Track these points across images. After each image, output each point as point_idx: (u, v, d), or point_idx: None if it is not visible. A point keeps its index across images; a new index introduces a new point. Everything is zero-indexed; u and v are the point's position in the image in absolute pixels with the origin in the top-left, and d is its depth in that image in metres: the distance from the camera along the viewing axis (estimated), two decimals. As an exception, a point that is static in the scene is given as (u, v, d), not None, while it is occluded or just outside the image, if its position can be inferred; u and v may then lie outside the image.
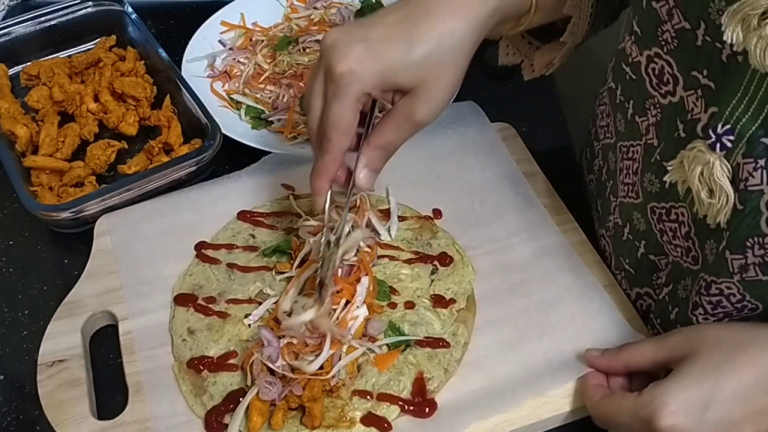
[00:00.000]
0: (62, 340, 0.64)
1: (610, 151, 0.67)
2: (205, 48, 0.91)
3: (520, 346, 0.63)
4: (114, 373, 0.64)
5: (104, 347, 0.66)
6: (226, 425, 0.59)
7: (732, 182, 0.50)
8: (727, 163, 0.50)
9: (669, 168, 0.55)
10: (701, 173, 0.51)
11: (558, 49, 0.69)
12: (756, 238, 0.50)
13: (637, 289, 0.66)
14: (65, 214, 0.72)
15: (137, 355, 0.63)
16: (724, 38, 0.46)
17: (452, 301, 0.66)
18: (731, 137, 0.49)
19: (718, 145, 0.50)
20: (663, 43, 0.54)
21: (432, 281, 0.68)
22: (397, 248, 0.70)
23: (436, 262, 0.69)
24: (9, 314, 0.70)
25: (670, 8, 0.52)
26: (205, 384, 0.61)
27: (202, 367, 0.62)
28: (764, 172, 0.48)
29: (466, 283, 0.68)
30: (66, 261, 0.74)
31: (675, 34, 0.52)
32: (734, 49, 0.47)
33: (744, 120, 0.48)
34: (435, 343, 0.63)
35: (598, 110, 0.72)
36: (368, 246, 0.68)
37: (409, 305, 0.66)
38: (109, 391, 0.63)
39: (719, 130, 0.49)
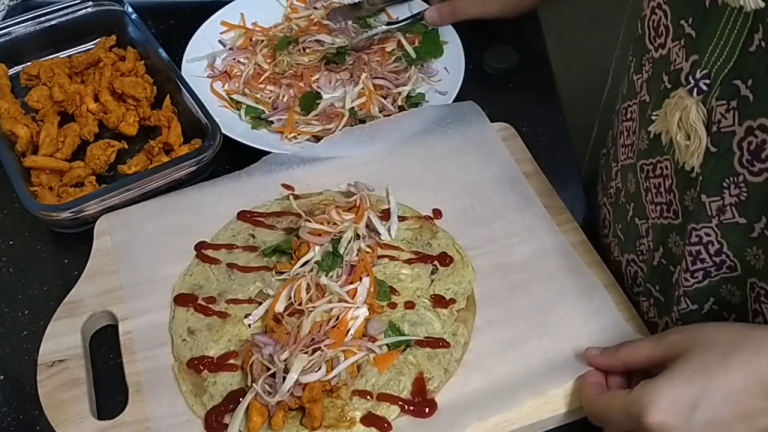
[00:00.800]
0: (62, 340, 0.64)
1: (615, 117, 0.68)
2: (205, 48, 0.91)
3: (520, 346, 0.63)
4: (114, 373, 0.64)
5: (104, 347, 0.66)
6: (226, 425, 0.59)
7: (706, 126, 0.52)
8: (703, 107, 0.52)
9: (653, 117, 0.56)
10: (679, 119, 0.53)
11: None
12: (731, 178, 0.51)
13: (626, 255, 0.67)
14: (65, 214, 0.72)
15: (137, 355, 0.63)
16: None
17: (452, 301, 0.66)
18: (707, 81, 0.51)
19: (695, 90, 0.52)
20: None
21: (432, 281, 0.68)
22: (397, 248, 0.70)
23: (436, 262, 0.69)
24: (9, 314, 0.70)
25: None
26: (205, 384, 0.61)
27: (202, 367, 0.62)
28: (735, 113, 0.50)
29: (466, 283, 0.68)
30: (66, 261, 0.74)
31: None
32: None
33: (719, 64, 0.50)
34: (435, 343, 0.63)
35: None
36: (368, 246, 0.68)
37: (409, 305, 0.66)
38: (109, 391, 0.63)
39: (697, 75, 0.52)
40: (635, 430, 0.51)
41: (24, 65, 0.89)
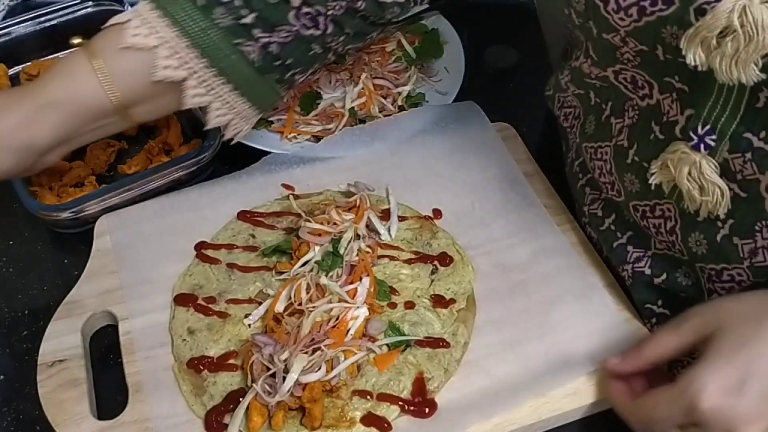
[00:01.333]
0: (62, 340, 0.64)
1: (582, 150, 0.68)
2: (205, 48, 0.91)
3: (520, 346, 0.63)
4: (114, 373, 0.64)
5: (104, 347, 0.66)
6: (226, 425, 0.59)
7: (721, 176, 0.52)
8: (713, 160, 0.52)
9: (653, 170, 0.56)
10: (689, 173, 0.53)
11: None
12: (763, 221, 0.52)
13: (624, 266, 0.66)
14: (65, 214, 0.72)
15: (137, 355, 0.63)
16: (687, 60, 0.48)
17: (452, 301, 0.66)
18: (713, 137, 0.51)
19: (702, 146, 0.52)
20: (625, 61, 0.56)
21: (432, 281, 0.68)
22: (397, 248, 0.70)
23: (436, 262, 0.69)
24: (9, 314, 0.70)
25: (623, 37, 0.53)
26: (205, 384, 0.61)
27: (202, 367, 0.62)
28: (753, 164, 0.51)
29: (466, 283, 0.68)
30: (66, 261, 0.74)
31: (635, 53, 0.54)
32: (699, 69, 0.48)
33: (723, 119, 0.50)
34: (435, 343, 0.63)
35: (559, 112, 0.72)
36: (368, 246, 0.68)
37: (409, 305, 0.66)
38: (109, 391, 0.63)
39: (700, 131, 0.52)
40: (690, 421, 0.50)
41: (24, 65, 0.89)
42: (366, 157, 0.78)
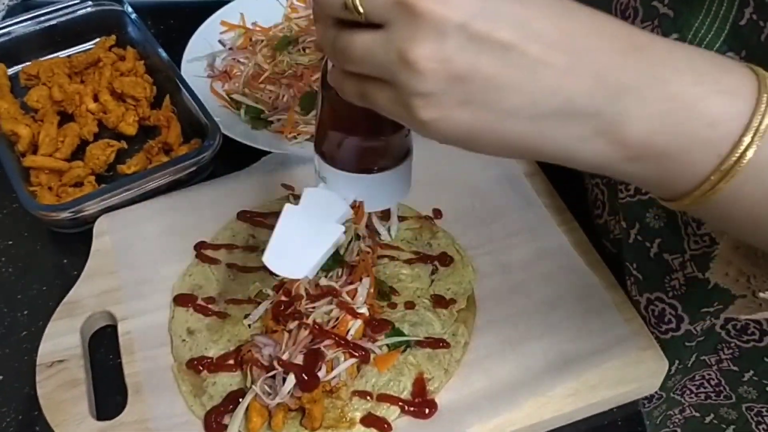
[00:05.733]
0: (61, 341, 0.64)
1: None
2: (204, 48, 0.91)
3: (521, 347, 0.63)
4: (113, 373, 0.63)
5: (103, 347, 0.66)
6: (226, 426, 0.58)
7: None
8: None
9: None
10: None
11: None
12: None
13: (647, 294, 0.63)
14: (64, 214, 0.71)
15: (136, 355, 0.63)
16: None
17: (452, 301, 0.66)
18: None
19: None
20: None
21: (432, 281, 0.68)
22: (397, 248, 0.70)
23: (436, 262, 0.69)
24: (8, 314, 0.69)
25: None
26: (204, 384, 0.61)
27: (201, 368, 0.62)
28: None
29: (467, 283, 0.68)
30: (65, 261, 0.74)
31: None
32: None
33: (708, 38, 0.49)
34: (435, 343, 0.63)
35: None
36: (369, 246, 0.68)
37: (410, 305, 0.65)
38: (109, 391, 0.63)
39: None
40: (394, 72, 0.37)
41: (23, 65, 0.89)
42: (366, 157, 0.78)
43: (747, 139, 0.35)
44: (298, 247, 0.49)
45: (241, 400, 0.59)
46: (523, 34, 0.35)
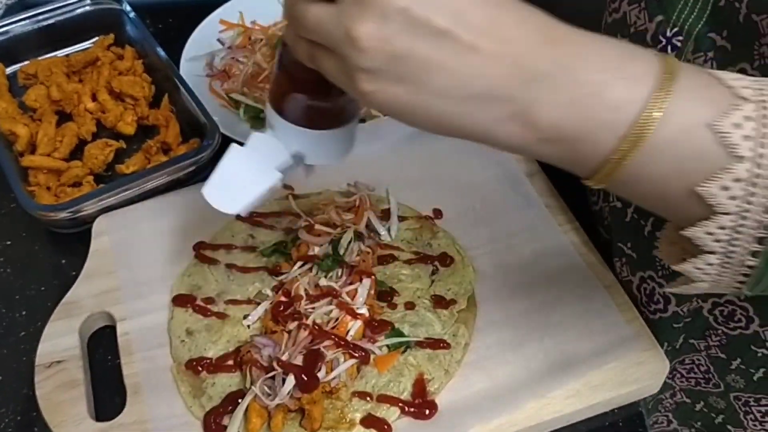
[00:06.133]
0: (60, 341, 0.64)
1: None
2: (203, 47, 0.91)
3: (521, 347, 0.63)
4: (112, 374, 0.63)
5: (102, 348, 0.66)
6: (225, 426, 0.58)
7: None
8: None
9: None
10: None
11: None
12: None
13: (640, 273, 0.65)
14: (63, 214, 0.71)
15: (135, 356, 0.63)
16: None
17: (453, 301, 0.66)
18: (680, 37, 0.53)
19: (669, 47, 0.53)
20: None
21: (432, 282, 0.67)
22: (397, 248, 0.70)
23: (436, 263, 0.69)
24: (6, 315, 0.69)
25: None
26: (203, 385, 0.61)
27: (200, 369, 0.62)
28: (714, 63, 0.52)
29: (467, 284, 0.67)
30: (64, 261, 0.74)
31: None
32: None
33: (690, 20, 0.52)
34: (435, 344, 0.63)
35: None
36: (369, 247, 0.68)
37: (410, 306, 0.65)
38: (107, 392, 0.63)
39: (668, 33, 0.53)
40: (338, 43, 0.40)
41: (22, 64, 0.88)
42: (366, 157, 0.78)
43: (646, 122, 0.38)
44: (236, 185, 0.54)
45: (240, 400, 0.59)
46: (457, 22, 0.38)
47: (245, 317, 0.65)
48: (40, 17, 0.89)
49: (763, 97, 0.38)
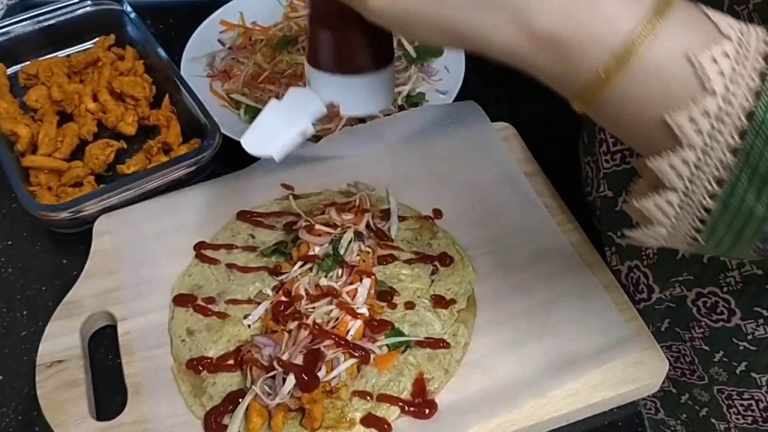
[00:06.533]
0: (61, 341, 0.64)
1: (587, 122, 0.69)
2: (204, 47, 0.91)
3: (521, 347, 0.63)
4: (113, 373, 0.63)
5: (103, 348, 0.66)
6: (226, 426, 0.58)
7: None
8: None
9: None
10: None
11: None
12: None
13: (628, 262, 0.66)
14: (64, 214, 0.71)
15: (136, 355, 0.63)
16: None
17: (452, 301, 0.66)
18: None
19: None
20: None
21: (432, 281, 0.68)
22: (397, 248, 0.70)
23: (436, 263, 0.69)
24: (7, 315, 0.69)
25: None
26: (204, 385, 0.61)
27: (201, 368, 0.62)
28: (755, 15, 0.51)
29: (467, 284, 0.68)
30: (65, 261, 0.74)
31: None
32: None
33: None
34: (435, 343, 0.63)
35: None
36: (369, 247, 0.68)
37: (410, 306, 0.65)
38: (108, 391, 0.63)
39: None
40: None
41: (23, 65, 0.89)
42: (366, 157, 0.78)
43: (636, 41, 0.38)
44: (271, 133, 0.57)
45: (240, 400, 0.59)
46: None
47: (246, 317, 0.65)
48: (41, 18, 0.90)
49: (745, 38, 0.38)
